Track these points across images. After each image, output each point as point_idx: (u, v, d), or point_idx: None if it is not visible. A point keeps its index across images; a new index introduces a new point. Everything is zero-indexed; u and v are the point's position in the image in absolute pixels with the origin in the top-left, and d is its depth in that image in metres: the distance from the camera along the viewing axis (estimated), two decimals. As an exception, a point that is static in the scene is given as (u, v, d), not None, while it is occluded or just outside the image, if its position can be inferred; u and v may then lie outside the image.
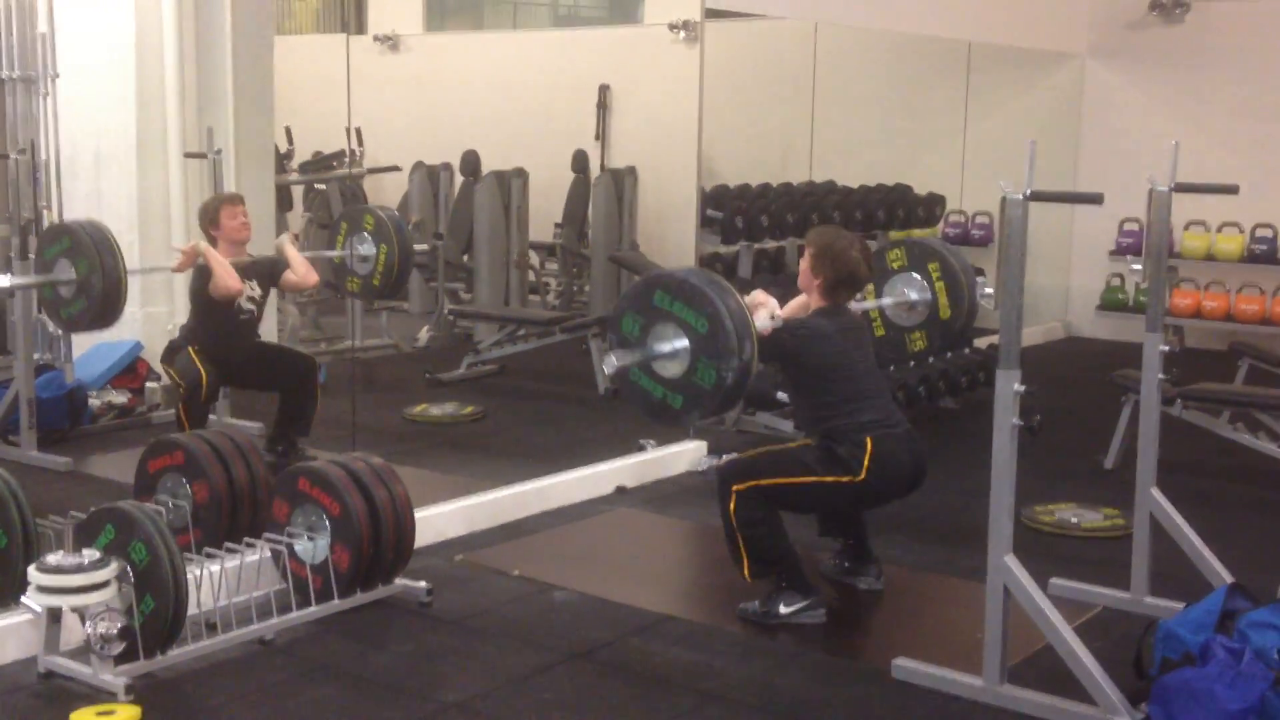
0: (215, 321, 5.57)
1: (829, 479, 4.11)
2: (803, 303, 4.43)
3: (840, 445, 4.11)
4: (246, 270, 5.59)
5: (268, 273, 5.75)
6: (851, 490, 4.13)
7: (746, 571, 4.18)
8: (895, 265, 4.61)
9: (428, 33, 12.25)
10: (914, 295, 4.60)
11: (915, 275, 4.58)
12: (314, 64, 9.77)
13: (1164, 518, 4.14)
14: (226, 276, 5.40)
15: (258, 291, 5.68)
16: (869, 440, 4.08)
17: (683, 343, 3.68)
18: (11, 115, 6.31)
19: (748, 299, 3.88)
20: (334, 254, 5.88)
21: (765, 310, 4.04)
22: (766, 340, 3.96)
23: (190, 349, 5.50)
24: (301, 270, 5.74)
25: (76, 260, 4.84)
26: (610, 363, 3.76)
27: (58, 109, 6.31)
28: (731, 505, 4.14)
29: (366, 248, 5.73)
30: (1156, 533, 4.18)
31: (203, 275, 5.48)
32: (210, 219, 5.60)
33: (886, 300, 4.62)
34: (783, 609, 4.16)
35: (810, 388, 4.24)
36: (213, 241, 5.57)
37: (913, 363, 6.33)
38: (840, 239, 4.26)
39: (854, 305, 4.39)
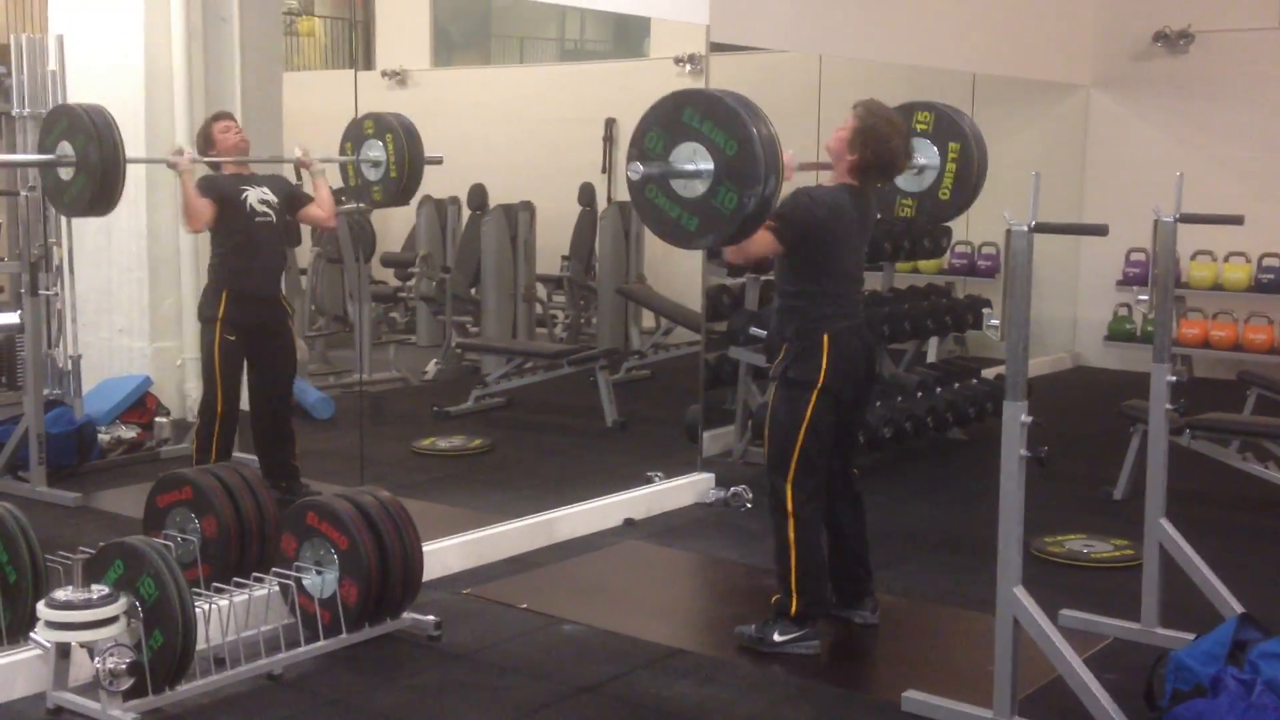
0: (233, 233, 5.45)
1: (809, 407, 4.12)
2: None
3: (797, 349, 4.13)
4: (256, 179, 5.56)
5: (285, 192, 5.68)
6: (824, 398, 4.12)
7: (794, 607, 4.16)
8: (918, 128, 4.50)
9: (435, 68, 12.32)
10: (922, 161, 4.51)
11: (933, 146, 4.50)
12: (322, 100, 9.80)
13: (1174, 548, 4.13)
14: (190, 207, 5.31)
15: (272, 198, 5.57)
16: (825, 337, 4.11)
17: (708, 164, 3.61)
18: (22, 152, 6.33)
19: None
20: (344, 159, 5.73)
21: (790, 153, 3.94)
22: (786, 199, 3.95)
23: (218, 322, 5.42)
24: (327, 208, 5.69)
25: (75, 137, 4.83)
26: (636, 169, 3.69)
27: (68, 146, 6.34)
28: (791, 531, 4.14)
29: (375, 151, 5.68)
30: (1166, 563, 4.17)
31: (211, 196, 5.43)
32: (205, 140, 5.58)
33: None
34: (777, 637, 4.17)
35: (802, 267, 4.17)
36: (215, 168, 5.56)
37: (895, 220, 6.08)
38: (888, 123, 4.14)
39: None
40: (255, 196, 5.52)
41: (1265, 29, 9.31)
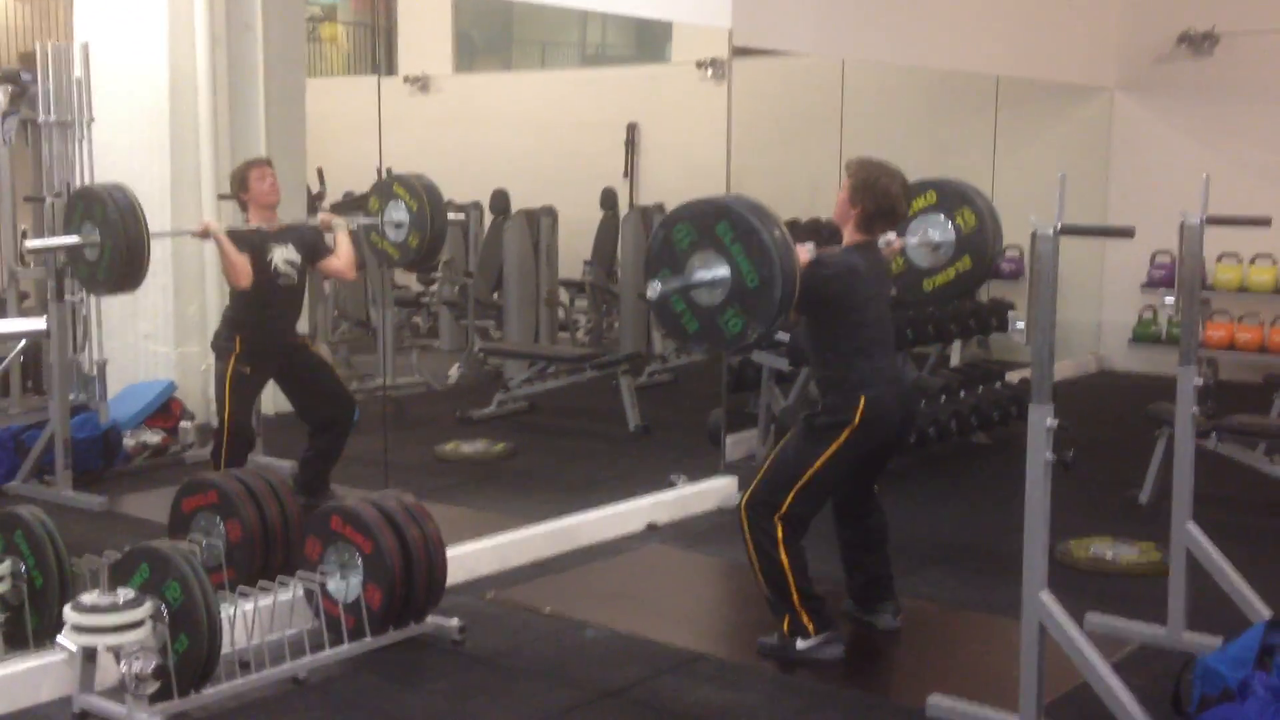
0: (253, 292, 5.41)
1: (829, 450, 4.08)
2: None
3: (828, 407, 4.11)
4: (283, 235, 5.53)
5: (309, 244, 5.65)
6: (850, 447, 4.08)
7: (809, 625, 4.13)
8: (923, 205, 4.52)
9: (457, 73, 12.35)
10: (938, 238, 4.52)
11: (943, 218, 4.50)
12: (345, 106, 9.84)
13: (1200, 552, 4.10)
14: (233, 266, 5.29)
15: (296, 257, 5.56)
16: (863, 398, 4.07)
17: (724, 281, 3.67)
18: (48, 159, 6.38)
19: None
20: (366, 221, 5.78)
21: (804, 253, 3.99)
22: (803, 277, 3.94)
23: (232, 356, 5.41)
24: (345, 259, 5.66)
25: (98, 219, 4.87)
26: (655, 288, 3.76)
27: (93, 152, 6.38)
28: (783, 557, 4.10)
29: (399, 214, 5.71)
30: (1193, 567, 4.14)
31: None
32: (240, 184, 5.55)
33: (911, 239, 4.54)
34: (800, 644, 4.14)
35: (825, 329, 4.17)
36: (244, 206, 5.55)
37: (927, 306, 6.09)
38: (883, 172, 4.19)
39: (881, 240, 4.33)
40: (280, 256, 5.51)
41: (1291, 30, 9.26)
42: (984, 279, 4.63)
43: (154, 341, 7.32)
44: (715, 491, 6.06)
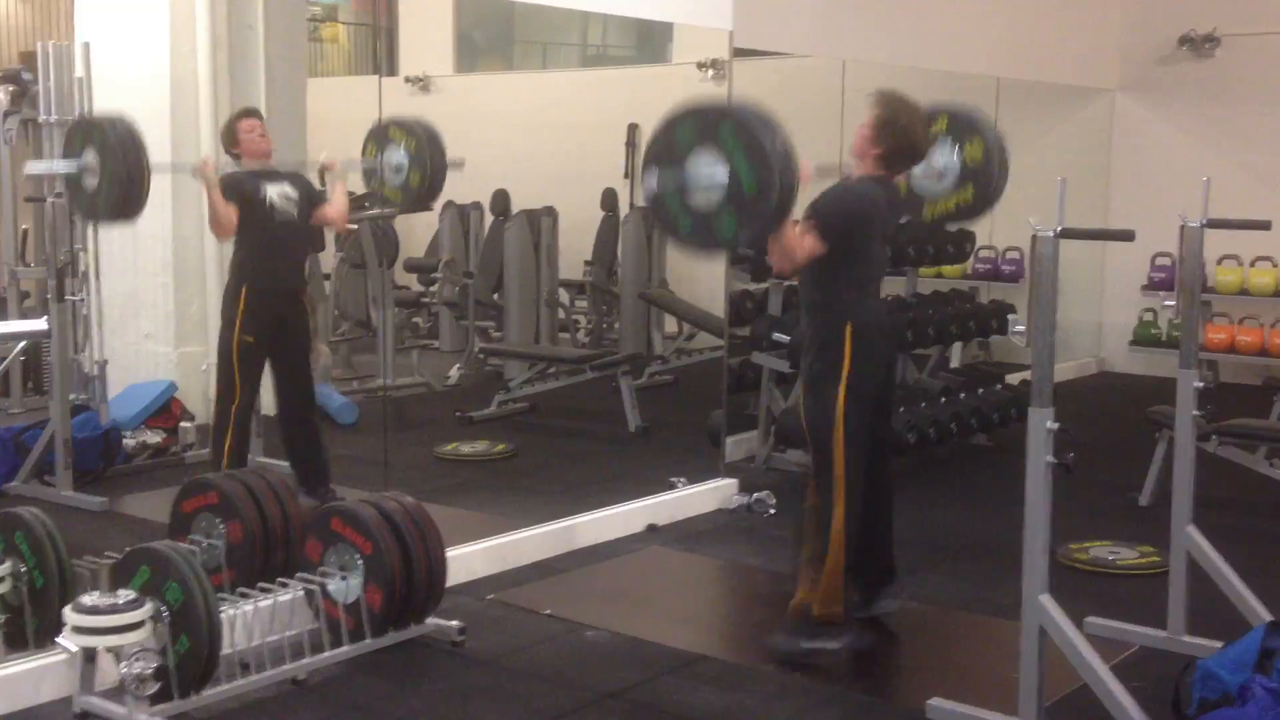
0: (254, 230, 5.43)
1: (841, 394, 4.09)
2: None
3: (818, 338, 4.16)
4: (277, 174, 5.55)
5: (304, 189, 5.66)
6: (855, 384, 4.10)
7: (835, 599, 4.13)
8: (933, 130, 4.50)
9: (458, 74, 12.35)
10: (943, 165, 4.51)
11: (951, 145, 4.49)
12: (347, 106, 9.84)
13: (1200, 555, 4.10)
14: (215, 214, 5.32)
15: (293, 193, 5.56)
16: (848, 326, 4.11)
17: (722, 184, 3.65)
18: (49, 159, 6.39)
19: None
20: (366, 162, 5.77)
21: (809, 162, 3.98)
22: (830, 203, 4.03)
23: (237, 321, 5.42)
24: (338, 208, 5.69)
25: (99, 147, 4.87)
26: (651, 182, 3.78)
27: (94, 152, 6.39)
28: (839, 516, 4.10)
29: (397, 156, 5.70)
30: (1193, 570, 4.14)
31: (232, 193, 5.43)
32: (229, 138, 5.58)
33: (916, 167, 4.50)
34: (804, 643, 4.14)
35: (830, 261, 4.12)
36: (236, 159, 5.56)
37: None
38: (908, 110, 4.21)
39: None
40: (276, 192, 5.50)
41: (1292, 32, 9.26)
42: (983, 212, 4.60)
43: (154, 341, 7.32)
44: (715, 493, 6.06)
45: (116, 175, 4.83)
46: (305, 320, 5.76)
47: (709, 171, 3.68)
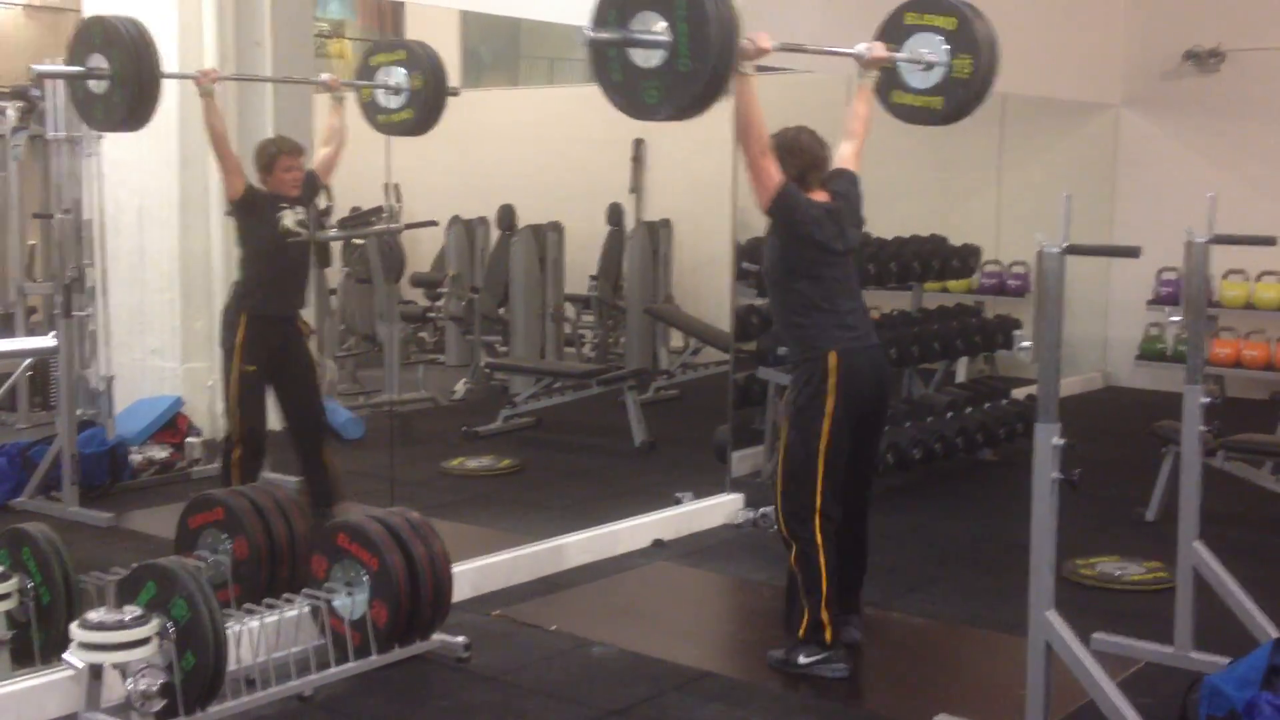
0: (263, 255, 5.44)
1: (825, 431, 4.12)
2: None
3: (803, 382, 4.16)
4: (297, 199, 5.54)
5: (309, 187, 5.66)
6: (838, 420, 4.12)
7: (824, 627, 4.15)
8: (939, 24, 4.44)
9: (464, 89, 12.36)
10: (929, 61, 4.42)
11: (946, 48, 4.42)
12: (353, 121, 9.88)
13: (1207, 571, 4.10)
14: (214, 131, 5.33)
15: (304, 215, 5.56)
16: (833, 355, 4.13)
17: (658, 55, 3.63)
18: (57, 175, 6.40)
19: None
20: (362, 85, 5.68)
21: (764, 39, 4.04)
22: (778, 191, 4.07)
23: (237, 350, 5.41)
24: (337, 139, 5.77)
25: (109, 50, 4.78)
26: (589, 33, 3.74)
27: (102, 169, 6.40)
28: (821, 560, 4.12)
29: (397, 78, 5.65)
30: (1200, 586, 4.13)
31: (247, 211, 5.44)
32: (265, 166, 5.51)
33: (900, 54, 4.45)
34: (802, 659, 4.15)
35: (792, 276, 4.21)
36: (262, 182, 5.52)
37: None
38: (785, 132, 4.35)
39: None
40: (291, 220, 5.49)
41: (1296, 48, 9.27)
42: (943, 123, 4.51)
43: (161, 357, 7.32)
44: (721, 508, 6.06)
45: (126, 78, 4.72)
46: (304, 343, 5.75)
47: (653, 35, 3.62)
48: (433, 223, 10.17)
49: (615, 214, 10.34)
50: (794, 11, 6.90)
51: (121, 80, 4.68)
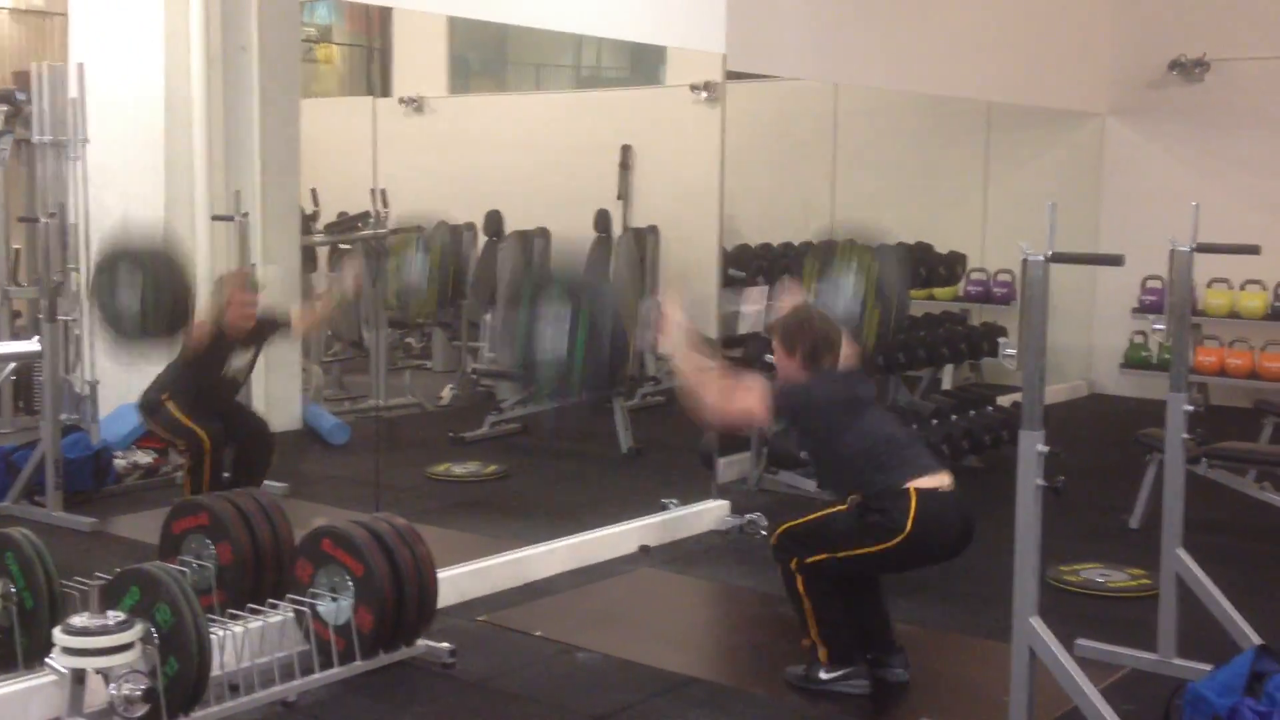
0: (198, 377, 5.60)
1: (875, 548, 3.94)
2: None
3: (877, 506, 3.95)
4: (249, 339, 5.70)
5: (264, 335, 5.81)
6: (897, 552, 3.93)
7: (822, 654, 4.10)
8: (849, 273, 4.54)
9: (452, 95, 12.37)
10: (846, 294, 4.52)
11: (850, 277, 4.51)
12: (340, 126, 9.89)
13: (1190, 578, 4.11)
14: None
15: (251, 357, 5.76)
16: (912, 492, 3.92)
17: (559, 347, 3.74)
18: (42, 179, 6.39)
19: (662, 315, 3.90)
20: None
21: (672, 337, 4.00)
22: (778, 399, 3.99)
23: (167, 403, 5.56)
24: (304, 321, 5.99)
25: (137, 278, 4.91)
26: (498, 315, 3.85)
27: (88, 173, 6.39)
28: (800, 584, 4.06)
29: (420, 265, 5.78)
30: (1183, 593, 4.15)
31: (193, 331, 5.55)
32: (221, 295, 5.71)
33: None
34: (823, 675, 4.10)
35: (828, 450, 4.15)
36: (221, 312, 5.66)
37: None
38: (793, 314, 4.26)
39: None
40: (240, 362, 5.69)
41: (1281, 58, 9.31)
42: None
43: (146, 362, 7.30)
44: (708, 514, 6.06)
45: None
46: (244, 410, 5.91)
47: (554, 329, 3.77)
48: (420, 228, 10.18)
49: (602, 220, 10.34)
50: (779, 20, 6.90)
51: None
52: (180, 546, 4.41)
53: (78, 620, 3.55)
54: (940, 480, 4.01)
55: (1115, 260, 3.48)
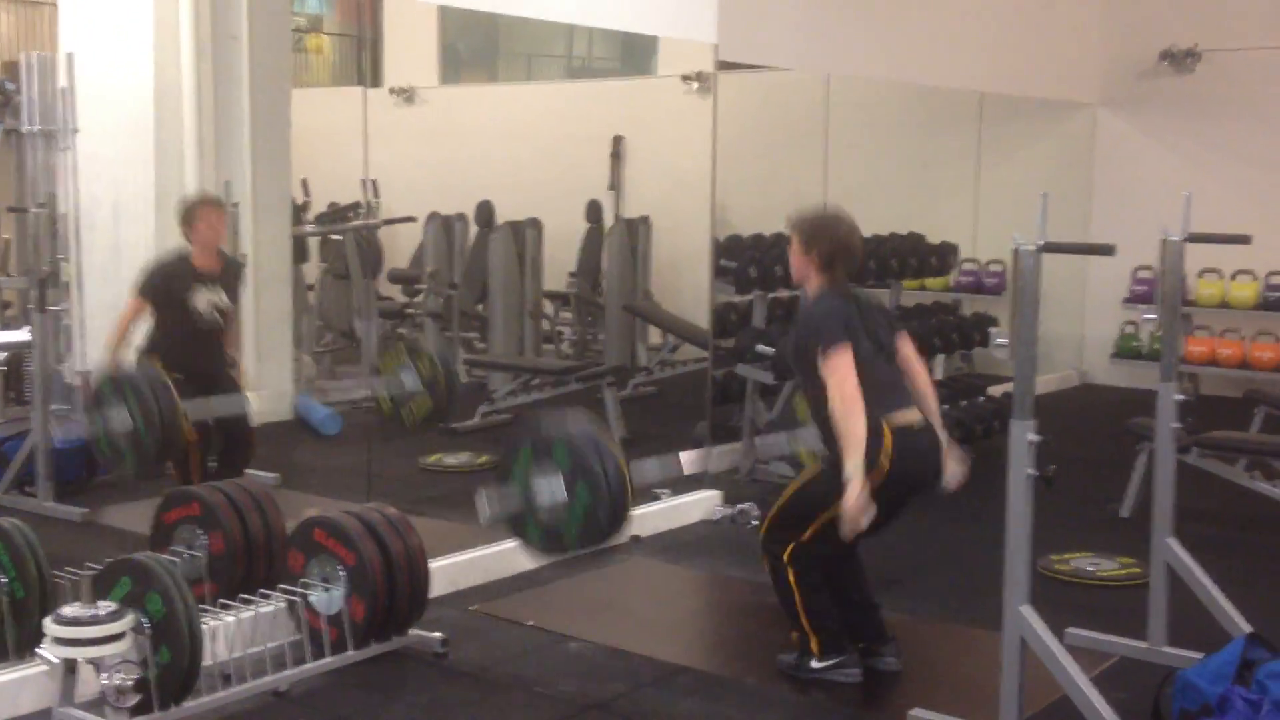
0: (172, 325, 5.53)
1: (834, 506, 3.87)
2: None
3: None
4: (215, 276, 5.60)
5: (235, 280, 5.75)
6: (883, 493, 3.87)
7: (813, 644, 4.10)
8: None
9: (443, 85, 12.35)
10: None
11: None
12: (331, 117, 9.85)
13: (1180, 567, 4.12)
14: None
15: (222, 300, 5.62)
16: (886, 429, 3.88)
17: (561, 500, 3.69)
18: (32, 169, 6.38)
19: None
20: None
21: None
22: (801, 327, 3.97)
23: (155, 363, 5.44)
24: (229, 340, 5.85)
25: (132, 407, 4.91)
26: (484, 511, 3.81)
27: (77, 163, 6.38)
28: (791, 577, 4.05)
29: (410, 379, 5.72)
30: (1173, 582, 4.16)
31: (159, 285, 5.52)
32: (187, 219, 5.58)
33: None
34: (815, 664, 4.11)
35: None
36: (188, 238, 5.58)
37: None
38: (828, 215, 4.13)
39: None
40: (205, 299, 5.56)
41: (1272, 48, 9.31)
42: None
43: (137, 352, 7.30)
44: (699, 504, 6.06)
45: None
46: (229, 378, 5.81)
47: (549, 489, 3.72)
48: (411, 219, 10.18)
49: (594, 210, 10.35)
50: (770, 10, 6.89)
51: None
52: (172, 536, 4.41)
53: (69, 610, 3.55)
54: (911, 416, 4.01)
55: (1107, 250, 3.49)
